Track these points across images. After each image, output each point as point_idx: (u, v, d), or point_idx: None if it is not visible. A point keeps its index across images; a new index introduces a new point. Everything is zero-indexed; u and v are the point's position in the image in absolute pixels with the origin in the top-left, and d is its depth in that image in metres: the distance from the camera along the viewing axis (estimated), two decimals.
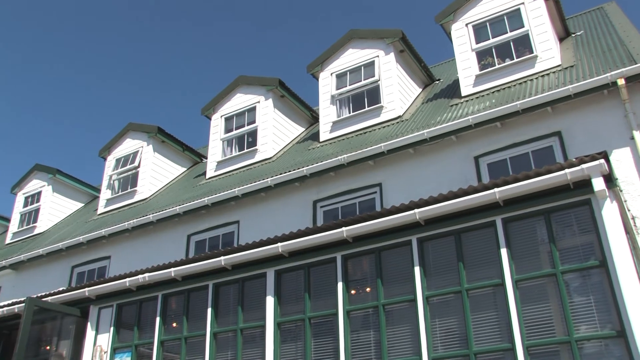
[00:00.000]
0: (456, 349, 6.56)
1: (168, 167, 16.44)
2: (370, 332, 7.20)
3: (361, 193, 11.19)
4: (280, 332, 7.84)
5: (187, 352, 8.59)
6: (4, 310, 10.89)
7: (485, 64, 11.74)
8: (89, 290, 9.77)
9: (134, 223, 13.41)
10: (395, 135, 11.07)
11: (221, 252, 8.51)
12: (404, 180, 10.71)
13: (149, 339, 9.06)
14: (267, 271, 8.18)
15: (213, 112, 15.14)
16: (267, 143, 13.89)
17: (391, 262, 7.37)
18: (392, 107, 12.38)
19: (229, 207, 12.53)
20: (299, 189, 11.82)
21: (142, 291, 9.37)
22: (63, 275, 14.76)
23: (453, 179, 9.97)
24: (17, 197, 18.69)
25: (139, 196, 15.46)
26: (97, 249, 14.43)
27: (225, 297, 8.60)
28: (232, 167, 14.12)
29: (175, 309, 9.11)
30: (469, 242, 6.92)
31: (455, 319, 6.71)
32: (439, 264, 7.05)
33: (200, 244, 12.90)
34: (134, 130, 16.50)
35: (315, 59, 13.95)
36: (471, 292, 6.68)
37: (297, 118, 15.31)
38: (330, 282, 7.66)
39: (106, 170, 16.54)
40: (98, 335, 9.69)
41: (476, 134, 10.28)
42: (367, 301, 7.34)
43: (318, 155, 12.17)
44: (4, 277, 16.00)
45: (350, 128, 12.76)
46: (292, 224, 10.40)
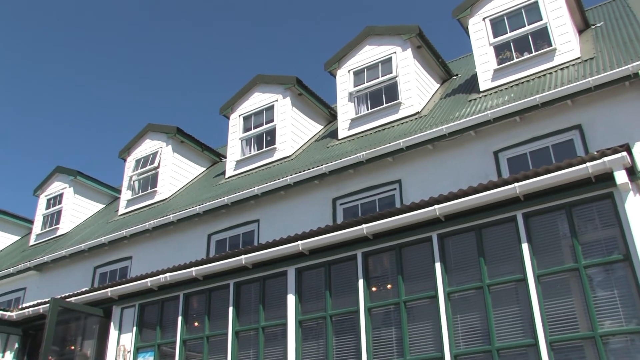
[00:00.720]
0: (478, 345, 6.53)
1: (187, 167, 16.52)
2: (392, 329, 7.18)
3: (380, 190, 11.16)
4: (301, 330, 7.85)
5: (209, 351, 8.64)
6: (30, 310, 11.03)
7: (503, 58, 11.65)
8: (111, 291, 9.85)
9: (155, 223, 13.49)
10: (414, 132, 11.02)
11: (242, 251, 8.53)
12: (424, 176, 10.67)
13: (171, 339, 9.12)
14: (288, 269, 8.19)
15: (231, 111, 15.19)
16: (285, 141, 13.90)
17: (412, 259, 7.35)
18: (410, 104, 12.33)
19: (249, 206, 12.56)
20: (318, 186, 11.82)
21: (164, 291, 9.43)
22: (86, 276, 14.90)
23: (473, 174, 9.91)
24: (40, 200, 18.89)
25: (159, 196, 15.55)
26: (118, 249, 14.54)
27: (247, 296, 8.63)
28: (251, 166, 14.15)
29: (197, 308, 9.15)
30: (490, 237, 6.88)
31: (477, 315, 6.67)
32: (460, 260, 7.02)
33: (221, 243, 12.94)
34: (153, 131, 16.59)
35: (332, 57, 13.94)
36: (493, 287, 6.64)
37: (315, 116, 15.31)
38: (351, 279, 7.65)
39: (126, 171, 16.65)
40: (121, 335, 9.77)
41: (495, 128, 10.21)
42: (388, 298, 7.33)
43: (337, 152, 12.15)
44: (28, 278, 16.19)
45: (368, 125, 12.73)
46: (312, 222, 10.39)
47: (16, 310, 11.40)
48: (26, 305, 11.53)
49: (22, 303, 15.37)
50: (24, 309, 11.25)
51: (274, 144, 14.10)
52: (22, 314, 11.16)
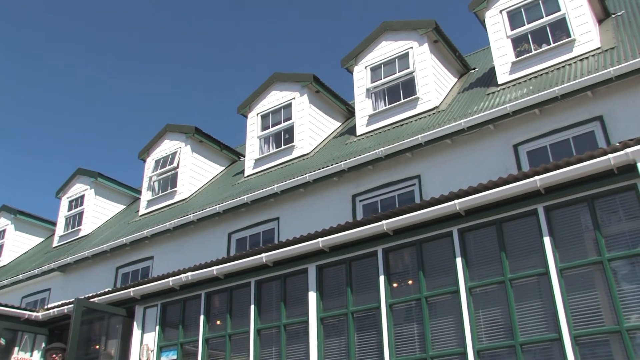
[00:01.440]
0: (501, 340, 6.48)
1: (206, 167, 16.60)
2: (414, 324, 7.16)
3: (400, 185, 11.14)
4: (323, 327, 7.85)
5: (231, 349, 8.67)
6: (55, 311, 11.16)
7: (521, 51, 11.56)
8: (133, 291, 9.93)
9: (175, 223, 13.58)
10: (432, 127, 10.98)
11: (262, 249, 8.55)
12: (443, 171, 10.62)
13: (193, 337, 9.17)
14: (309, 267, 8.20)
15: (249, 110, 15.23)
16: (304, 139, 13.91)
17: (432, 254, 7.31)
18: (428, 98, 12.28)
19: (269, 204, 12.59)
20: (337, 183, 11.82)
21: (186, 290, 9.49)
22: (108, 276, 15.04)
23: (492, 168, 9.85)
24: (62, 202, 19.10)
25: (179, 196, 15.65)
26: (140, 249, 14.66)
27: (268, 294, 8.65)
28: (270, 164, 14.18)
29: (219, 307, 9.20)
30: (511, 231, 6.83)
31: (499, 310, 6.63)
32: (481, 255, 6.97)
33: (241, 241, 12.99)
34: (171, 132, 16.69)
35: (349, 53, 13.92)
36: (515, 282, 6.58)
37: (333, 113, 15.30)
38: (371, 275, 7.64)
39: (146, 172, 16.77)
40: (144, 334, 9.84)
41: (514, 121, 10.14)
42: (410, 294, 7.31)
43: (355, 149, 12.14)
44: (53, 279, 16.39)
45: (386, 121, 12.70)
46: (332, 218, 10.40)
47: (42, 310, 11.55)
48: (51, 306, 11.67)
49: (48, 303, 15.55)
50: (49, 310, 11.39)
51: (292, 141, 14.12)
52: (48, 314, 11.30)
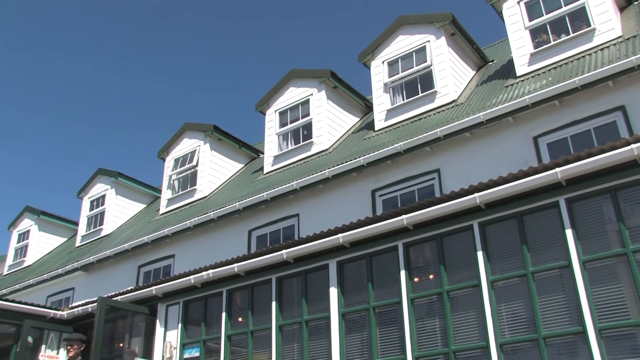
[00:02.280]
0: (524, 333, 6.44)
1: (225, 165, 16.65)
2: (436, 319, 7.14)
3: (419, 180, 11.10)
4: (345, 322, 7.85)
5: (254, 346, 8.71)
6: (79, 310, 11.29)
7: (539, 42, 11.45)
8: (155, 289, 10.00)
9: (196, 221, 13.65)
10: (451, 120, 10.92)
11: (283, 246, 8.57)
12: (462, 164, 10.57)
13: (216, 334, 9.22)
14: (329, 262, 8.20)
15: (267, 107, 15.25)
16: (322, 135, 13.90)
17: (453, 248, 7.28)
18: (446, 92, 12.21)
19: (288, 200, 12.61)
20: (356, 179, 11.80)
21: (207, 287, 9.54)
22: (130, 275, 15.17)
23: (512, 161, 9.78)
24: (83, 202, 19.28)
25: (199, 194, 15.72)
26: (161, 248, 14.76)
27: (289, 290, 8.66)
28: (289, 160, 14.19)
29: (240, 304, 9.23)
30: (532, 224, 6.77)
31: (521, 303, 6.58)
32: (502, 248, 6.93)
33: (262, 238, 13.03)
34: (190, 130, 16.77)
35: (365, 48, 13.88)
36: (537, 275, 6.53)
37: (351, 108, 15.27)
38: (392, 270, 7.63)
39: (166, 171, 16.87)
40: (167, 331, 9.91)
41: (534, 113, 10.05)
42: (431, 288, 7.28)
43: (374, 144, 12.11)
44: (76, 278, 16.56)
45: (404, 115, 12.65)
46: (352, 214, 10.38)
47: (67, 309, 11.70)
48: (75, 305, 11.81)
49: (72, 302, 15.72)
50: (74, 308, 11.53)
51: (310, 137, 14.12)
52: (72, 313, 11.44)
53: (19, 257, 21.09)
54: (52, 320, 11.50)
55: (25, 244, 21.03)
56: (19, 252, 21.24)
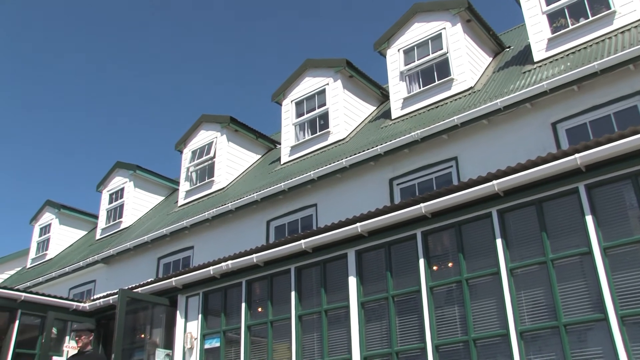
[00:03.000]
0: (544, 321, 6.40)
1: (243, 156, 16.69)
2: (455, 307, 7.12)
3: (437, 168, 11.05)
4: (364, 311, 7.86)
5: (273, 336, 8.75)
6: (101, 301, 11.42)
7: (557, 26, 11.31)
8: (175, 280, 10.07)
9: (214, 212, 13.72)
10: (468, 107, 10.85)
11: (301, 236, 8.59)
12: (480, 152, 10.50)
13: (236, 325, 9.28)
14: (348, 252, 8.21)
15: (283, 97, 15.24)
16: (339, 124, 13.88)
17: (472, 236, 7.25)
18: (463, 79, 12.12)
19: (306, 190, 12.62)
20: (374, 168, 11.78)
21: (226, 278, 9.59)
22: (150, 267, 15.29)
23: (530, 147, 9.70)
24: (103, 195, 19.44)
25: (217, 186, 15.79)
26: (180, 239, 14.85)
27: (308, 280, 8.69)
28: (306, 150, 14.20)
29: (260, 294, 9.28)
30: (552, 211, 6.72)
31: (541, 291, 6.54)
32: (522, 235, 6.89)
33: (280, 229, 13.07)
34: (207, 122, 16.82)
35: (381, 36, 13.82)
36: (557, 262, 6.49)
37: (367, 97, 15.23)
38: (411, 259, 7.62)
39: (183, 163, 16.95)
40: (187, 322, 9.99)
41: (552, 99, 9.95)
42: (450, 276, 7.26)
43: (391, 132, 12.08)
44: (97, 270, 16.74)
45: (421, 103, 12.59)
46: (369, 203, 10.38)
47: (89, 301, 11.85)
48: (97, 297, 11.95)
49: (94, 294, 15.91)
50: (95, 300, 11.67)
51: (327, 127, 14.10)
52: (94, 304, 11.58)
53: (41, 250, 21.36)
54: (74, 312, 11.66)
55: (47, 238, 21.29)
56: (41, 245, 21.51)
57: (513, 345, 6.43)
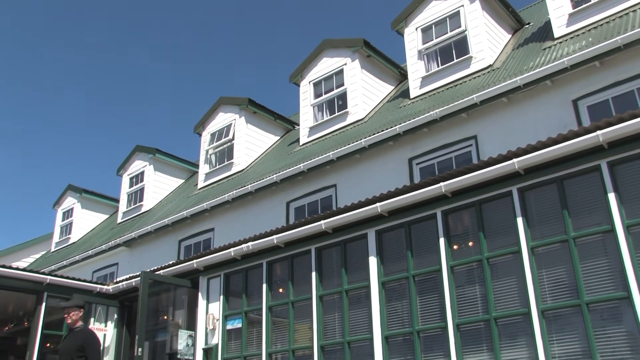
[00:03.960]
0: (566, 299, 6.38)
1: (261, 137, 16.71)
2: (476, 286, 7.12)
3: (456, 147, 10.99)
4: (385, 291, 7.89)
5: (295, 316, 8.81)
6: (124, 284, 11.57)
7: (578, 1, 11.13)
8: (196, 262, 10.16)
9: (234, 194, 13.78)
10: (487, 85, 10.75)
11: (321, 216, 8.60)
12: (500, 130, 10.42)
13: (257, 305, 9.35)
14: (368, 232, 8.22)
15: (301, 78, 15.20)
16: (357, 104, 13.83)
17: (492, 215, 7.22)
18: (482, 57, 12.00)
19: (325, 171, 12.62)
20: (393, 147, 11.74)
21: (247, 260, 9.65)
22: (171, 249, 15.43)
23: (551, 125, 9.60)
24: (123, 179, 19.60)
25: (236, 168, 15.84)
26: (200, 222, 14.95)
27: (328, 260, 8.72)
28: (325, 131, 14.17)
29: (281, 275, 9.33)
30: (573, 188, 6.66)
31: (563, 269, 6.51)
32: (543, 213, 6.84)
33: (300, 210, 13.10)
34: (225, 104, 16.83)
35: (398, 15, 13.69)
36: (578, 240, 6.44)
37: (385, 77, 15.13)
38: (431, 238, 7.61)
39: (202, 146, 17.00)
40: (209, 304, 10.09)
41: (573, 76, 9.81)
42: (470, 255, 7.25)
43: (410, 112, 12.01)
44: (119, 254, 16.93)
45: (440, 82, 12.49)
46: (389, 183, 10.36)
47: (112, 284, 12.01)
48: (120, 279, 12.11)
49: (116, 277, 16.11)
50: (118, 283, 11.82)
51: (345, 107, 14.06)
52: (117, 287, 11.74)
53: (64, 234, 21.65)
54: (98, 294, 11.83)
55: (70, 222, 21.56)
56: (64, 229, 21.80)
57: (534, 324, 6.42)
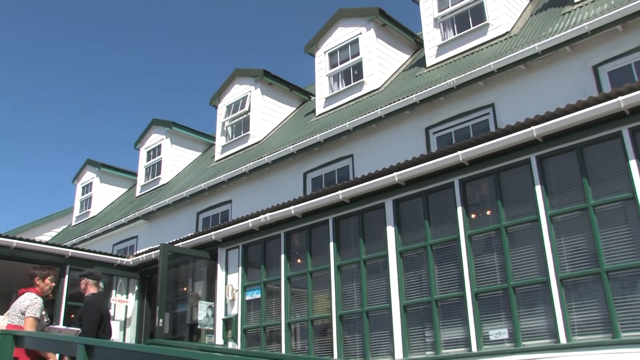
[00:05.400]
0: (585, 267, 6.36)
1: (277, 109, 16.65)
2: (494, 255, 7.11)
3: (473, 115, 10.88)
4: (402, 260, 7.90)
5: (313, 286, 8.87)
6: (143, 256, 11.71)
7: None
8: (215, 234, 10.23)
9: (251, 166, 13.80)
10: (505, 53, 10.59)
11: (338, 187, 8.60)
12: (517, 98, 10.29)
13: (275, 276, 9.42)
14: (385, 201, 8.21)
15: (316, 49, 15.08)
16: (373, 74, 13.71)
17: (510, 183, 7.18)
18: (499, 23, 11.80)
19: (341, 141, 12.58)
20: (409, 117, 11.65)
21: (265, 231, 9.70)
22: (190, 222, 15.53)
23: (570, 92, 9.44)
24: (140, 152, 19.68)
25: (253, 139, 15.83)
26: (218, 194, 15.01)
27: (346, 230, 8.74)
28: (341, 101, 14.09)
29: (299, 245, 9.38)
30: (593, 156, 6.59)
31: (582, 237, 6.48)
32: (562, 181, 6.79)
33: (317, 180, 13.10)
34: (240, 76, 16.76)
35: None
36: (598, 208, 6.39)
37: (401, 45, 14.96)
38: (449, 207, 7.59)
39: (218, 118, 16.99)
40: (228, 275, 10.18)
41: (593, 41, 9.63)
42: (488, 224, 7.23)
43: (426, 81, 11.89)
44: (138, 227, 17.08)
45: (456, 50, 12.32)
46: (406, 152, 10.29)
47: (132, 256, 12.16)
48: (139, 252, 12.24)
49: (136, 250, 16.25)
50: (138, 255, 11.97)
51: (361, 77, 13.94)
52: (137, 259, 11.88)
53: (84, 208, 21.86)
54: (119, 267, 11.99)
55: (89, 196, 21.74)
56: (84, 203, 22.00)
57: (553, 292, 6.41)
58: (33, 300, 6.10)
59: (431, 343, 7.39)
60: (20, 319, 6.01)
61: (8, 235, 10.80)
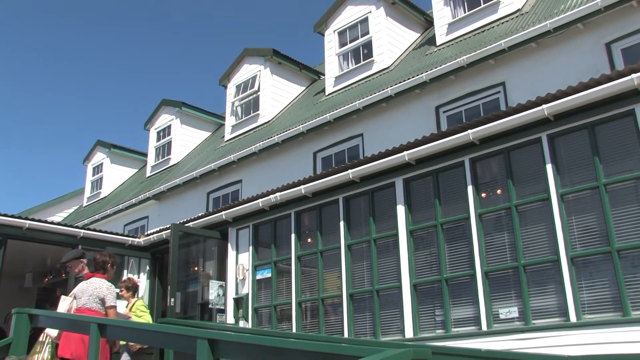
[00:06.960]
0: (596, 246, 6.35)
1: (287, 88, 16.61)
2: (504, 233, 7.11)
3: (484, 94, 10.82)
4: (413, 239, 7.91)
5: (324, 265, 8.91)
6: (154, 236, 11.79)
7: None
8: (225, 214, 10.27)
9: (261, 146, 13.80)
10: (516, 30, 10.49)
11: (348, 166, 8.60)
12: (528, 76, 10.21)
13: (286, 255, 9.46)
14: (396, 180, 8.20)
15: (325, 28, 14.99)
16: (383, 53, 13.63)
17: (521, 162, 7.15)
18: (511, 1, 11.67)
19: (351, 120, 12.55)
20: (419, 95, 11.60)
21: (275, 210, 9.72)
22: (200, 202, 15.59)
23: (582, 70, 9.35)
24: (150, 133, 19.71)
25: (262, 119, 15.82)
26: (228, 174, 15.04)
27: (356, 210, 8.75)
28: (351, 80, 14.03)
29: (309, 225, 9.40)
30: (604, 134, 6.55)
31: (593, 216, 6.46)
32: (573, 160, 6.76)
33: (327, 159, 13.10)
34: (250, 56, 16.71)
35: None
36: (609, 187, 6.37)
37: (411, 24, 14.85)
38: (459, 186, 7.58)
39: (228, 98, 16.97)
40: (239, 254, 10.23)
41: (607, 18, 9.51)
42: (499, 203, 7.22)
43: (436, 59, 11.82)
44: (149, 207, 17.17)
45: (467, 28, 12.21)
46: (416, 131, 10.25)
47: (143, 236, 12.24)
48: (150, 232, 12.31)
49: (147, 230, 16.35)
50: (149, 235, 12.04)
51: (371, 56, 13.87)
52: (149, 239, 11.96)
53: (95, 189, 21.97)
54: (130, 247, 12.08)
55: (100, 177, 21.85)
56: (95, 184, 22.11)
57: (564, 271, 6.41)
58: (110, 287, 6.54)
59: (441, 321, 7.43)
60: (97, 304, 6.42)
61: (21, 216, 10.90)
